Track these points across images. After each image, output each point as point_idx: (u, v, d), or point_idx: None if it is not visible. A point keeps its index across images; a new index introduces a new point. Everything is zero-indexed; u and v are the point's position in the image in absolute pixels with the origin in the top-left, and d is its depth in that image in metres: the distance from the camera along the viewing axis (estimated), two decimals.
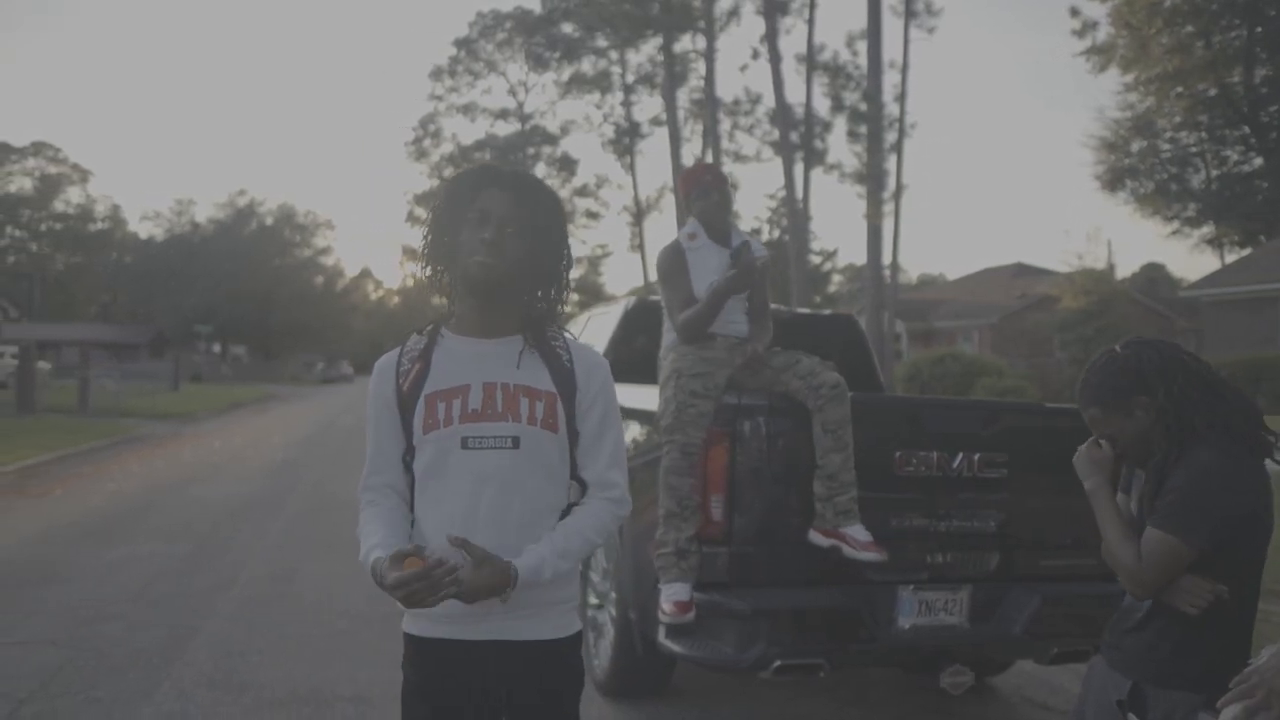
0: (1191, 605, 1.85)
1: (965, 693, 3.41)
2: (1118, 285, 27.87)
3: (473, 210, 1.73)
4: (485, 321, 1.78)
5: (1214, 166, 26.32)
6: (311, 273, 62.58)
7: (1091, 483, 2.01)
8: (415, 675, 1.78)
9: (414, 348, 1.81)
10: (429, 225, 1.80)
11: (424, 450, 1.75)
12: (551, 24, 40.07)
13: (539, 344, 1.80)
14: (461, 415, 1.72)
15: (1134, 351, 1.96)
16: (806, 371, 3.30)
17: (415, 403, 1.75)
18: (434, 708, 1.75)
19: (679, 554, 3.19)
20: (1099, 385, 1.99)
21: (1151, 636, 1.94)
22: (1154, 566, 1.85)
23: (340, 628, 5.01)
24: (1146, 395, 1.92)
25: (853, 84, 25.05)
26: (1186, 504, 1.83)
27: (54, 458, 12.54)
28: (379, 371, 1.83)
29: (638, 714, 3.89)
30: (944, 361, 19.85)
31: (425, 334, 1.83)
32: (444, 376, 1.76)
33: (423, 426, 1.74)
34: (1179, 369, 1.92)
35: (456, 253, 1.75)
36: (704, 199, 3.67)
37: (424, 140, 48.53)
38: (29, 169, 66.87)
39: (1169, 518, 1.84)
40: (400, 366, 1.79)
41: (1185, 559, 1.83)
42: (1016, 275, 37.07)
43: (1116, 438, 1.98)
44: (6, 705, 3.83)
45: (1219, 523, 1.82)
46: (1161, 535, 1.84)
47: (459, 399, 1.73)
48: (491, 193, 1.74)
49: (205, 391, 32.95)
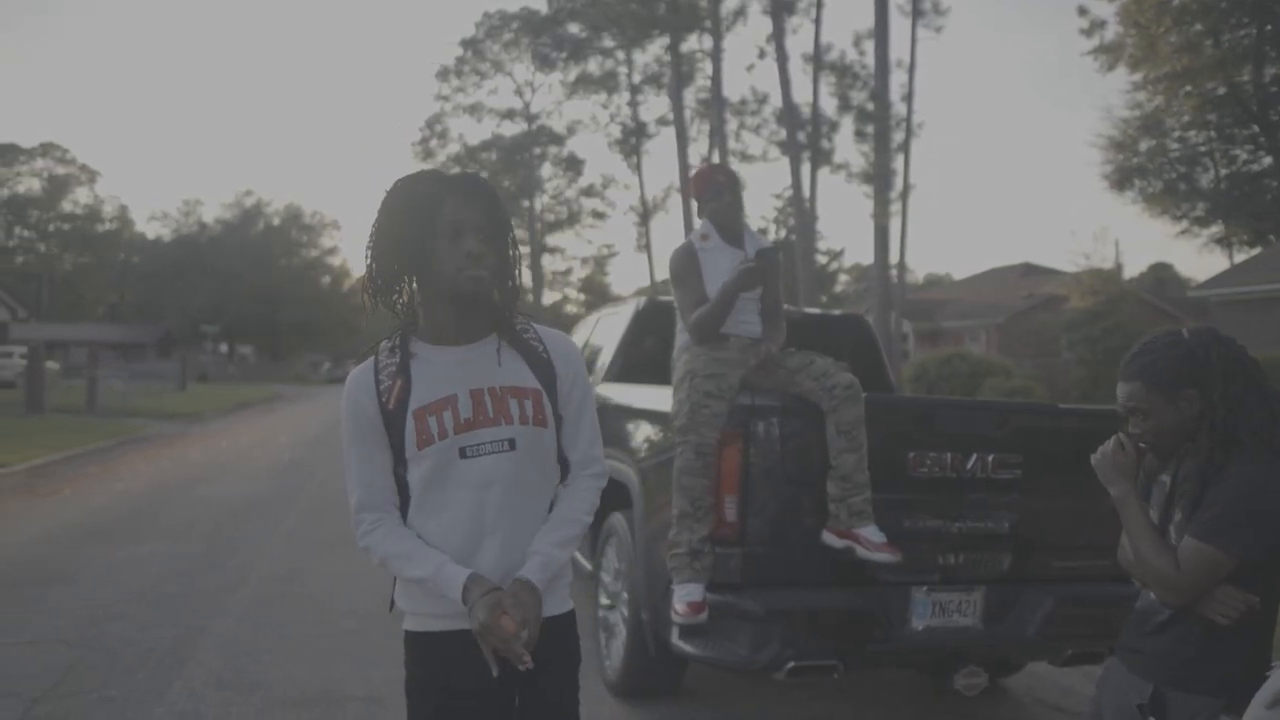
0: (1223, 615, 1.82)
1: (979, 694, 3.40)
2: (1125, 285, 27.76)
3: (443, 222, 1.70)
4: (462, 328, 1.78)
5: (1223, 165, 26.22)
6: (318, 273, 62.80)
7: (1119, 489, 1.94)
8: (421, 670, 1.79)
9: (388, 362, 1.77)
10: (386, 235, 1.73)
11: (419, 464, 1.74)
12: (558, 24, 40.14)
13: (514, 341, 1.81)
14: (455, 426, 1.72)
15: (1201, 343, 1.89)
16: (820, 372, 3.29)
17: (403, 420, 1.73)
18: (446, 699, 1.76)
19: (692, 554, 3.19)
20: (1152, 364, 1.91)
21: (1174, 640, 1.91)
22: (1192, 576, 1.81)
23: (349, 627, 5.01)
24: (1198, 390, 1.86)
25: (860, 83, 25.05)
26: (1231, 517, 1.79)
27: (62, 457, 12.58)
28: (355, 389, 1.77)
29: (650, 715, 3.88)
30: (951, 362, 19.76)
31: (395, 346, 1.79)
32: (428, 389, 1.74)
33: (416, 443, 1.72)
34: (1240, 372, 1.86)
35: (429, 265, 1.71)
36: (716, 199, 3.66)
37: (430, 140, 48.65)
38: (37, 169, 67.15)
39: (1212, 530, 1.80)
40: (380, 384, 1.75)
41: (1224, 570, 1.80)
42: (1023, 275, 36.97)
43: (1148, 422, 1.91)
44: (20, 704, 3.84)
45: (1262, 537, 1.79)
46: (1202, 546, 1.80)
47: (449, 410, 1.72)
48: (457, 203, 1.71)
49: (212, 391, 33.03)
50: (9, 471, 10.91)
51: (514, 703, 1.80)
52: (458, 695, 1.75)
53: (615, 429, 4.31)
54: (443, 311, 1.76)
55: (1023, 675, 4.49)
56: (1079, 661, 3.53)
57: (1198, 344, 1.89)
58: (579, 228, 50.46)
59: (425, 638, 1.78)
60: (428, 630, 1.78)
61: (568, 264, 53.34)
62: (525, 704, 1.80)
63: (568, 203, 49.74)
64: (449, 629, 1.75)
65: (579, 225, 50.27)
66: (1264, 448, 1.81)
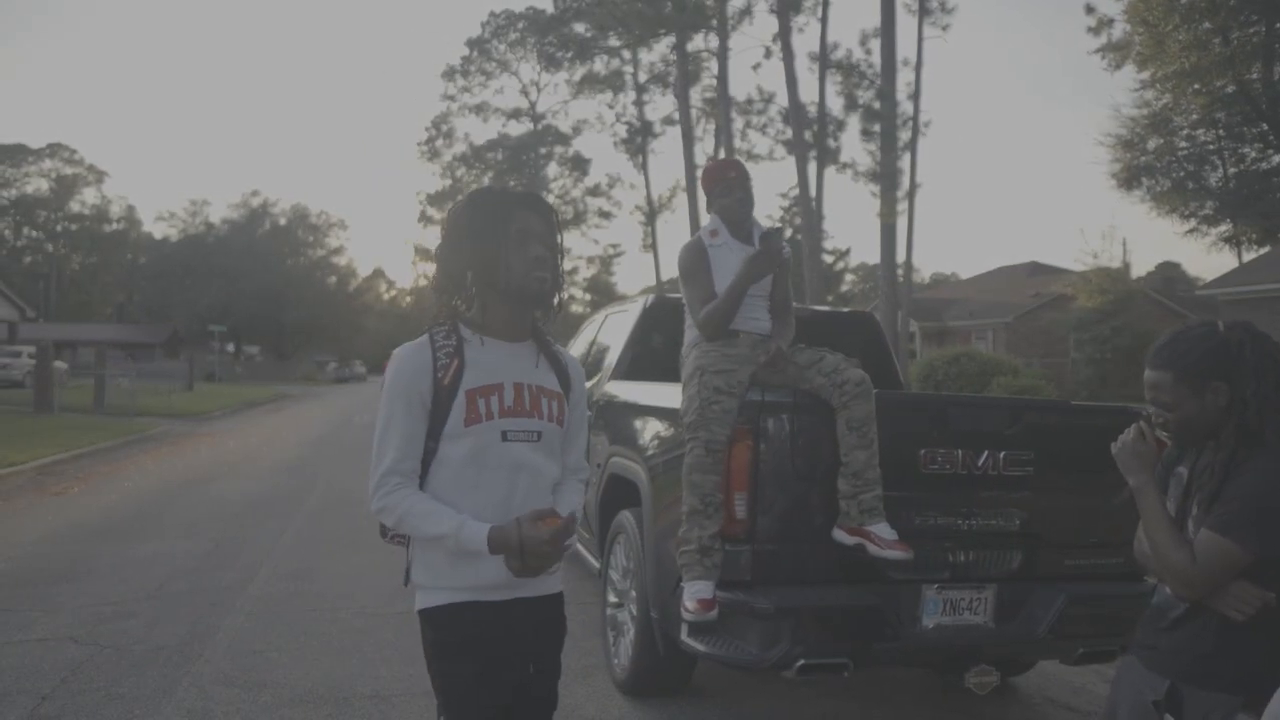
0: (1238, 611, 1.81)
1: (989, 693, 3.37)
2: (1133, 284, 27.68)
3: (512, 229, 1.90)
4: (513, 327, 1.97)
5: (1232, 164, 26.06)
6: (324, 273, 62.89)
7: (1137, 479, 1.94)
8: (453, 637, 1.89)
9: (445, 344, 1.92)
10: (457, 240, 1.93)
11: (458, 441, 1.89)
12: (564, 24, 40.11)
13: (545, 348, 2.03)
14: (500, 410, 1.90)
15: (1236, 337, 1.87)
16: (831, 368, 3.27)
17: (454, 397, 1.88)
18: (483, 663, 1.88)
19: (702, 552, 3.17)
20: (1185, 353, 1.89)
21: (1189, 636, 1.89)
22: (1208, 570, 1.80)
23: (357, 625, 5.01)
24: (1227, 384, 1.85)
25: (866, 82, 24.95)
26: (1250, 512, 1.78)
27: (71, 456, 12.62)
28: (411, 363, 1.90)
29: (659, 713, 3.87)
30: (959, 360, 19.71)
31: (450, 331, 1.94)
32: (480, 374, 1.90)
33: (464, 419, 1.88)
34: (1273, 370, 1.84)
35: (496, 267, 1.89)
36: (728, 195, 3.64)
37: (437, 140, 48.74)
38: (45, 170, 67.51)
39: (1230, 524, 1.79)
40: (437, 361, 1.90)
41: (1240, 564, 1.79)
42: (1031, 274, 36.88)
43: (1173, 412, 1.90)
44: (30, 700, 3.85)
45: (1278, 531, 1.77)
46: (1219, 539, 1.79)
47: (496, 395, 1.90)
48: (526, 214, 1.92)
49: (219, 391, 33.12)
50: (18, 470, 10.95)
51: (530, 669, 1.95)
52: (491, 660, 1.89)
53: (623, 427, 4.30)
54: (503, 309, 1.94)
55: (1033, 674, 4.47)
56: (1090, 660, 3.50)
57: (1233, 339, 1.87)
58: (585, 227, 50.56)
59: (447, 610, 1.90)
60: (450, 602, 1.89)
61: (573, 263, 53.44)
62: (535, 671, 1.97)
63: (574, 202, 49.78)
64: (469, 600, 1.89)
65: (585, 224, 50.35)
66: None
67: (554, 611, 2.04)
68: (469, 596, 1.89)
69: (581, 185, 49.56)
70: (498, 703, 1.89)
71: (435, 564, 1.90)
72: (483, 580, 1.88)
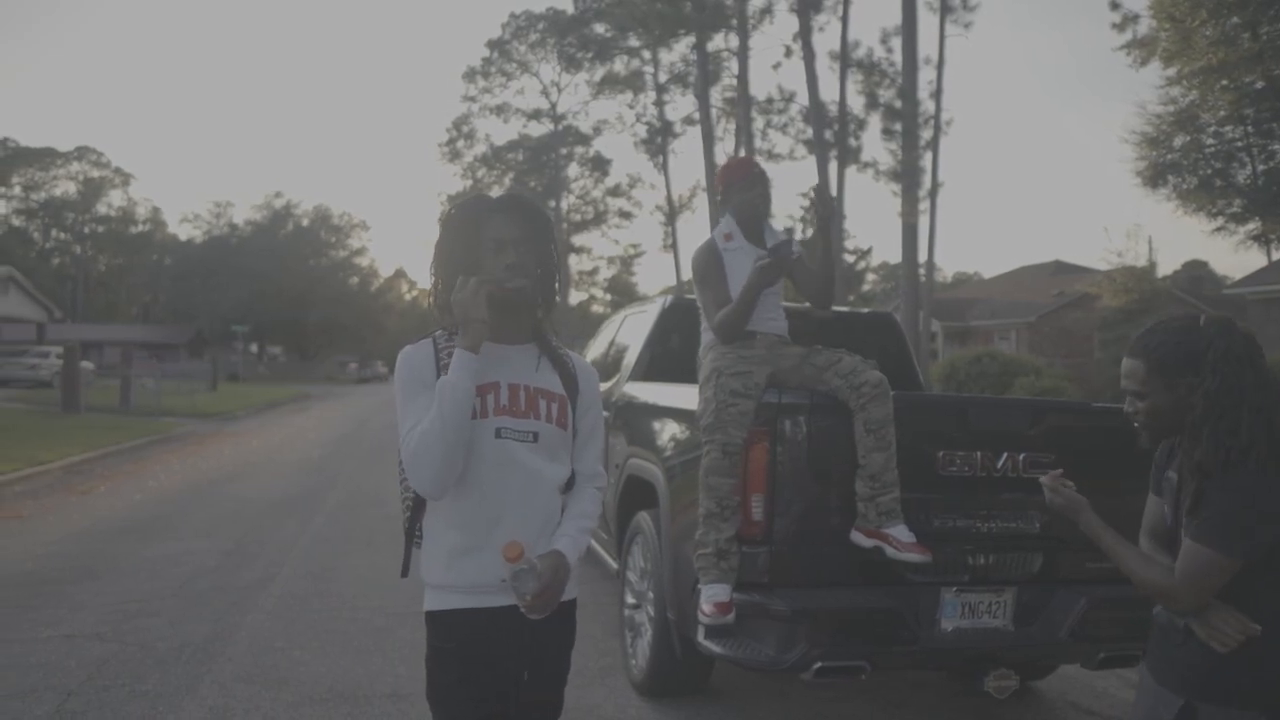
0: (1222, 645, 1.77)
1: (1009, 697, 3.34)
2: (1159, 283, 27.30)
3: (486, 239, 1.96)
4: (504, 331, 2.00)
5: (1260, 161, 25.64)
6: (347, 273, 63.19)
7: (1084, 519, 1.98)
8: (446, 643, 1.93)
9: (447, 345, 1.97)
10: (442, 253, 2.01)
11: None
12: (584, 24, 40.11)
13: (549, 352, 2.06)
14: (495, 408, 1.94)
15: (1213, 333, 1.82)
16: (848, 370, 3.26)
17: None
18: (465, 670, 1.91)
19: (719, 554, 3.16)
20: (1160, 344, 1.86)
21: (1200, 650, 1.82)
22: (1192, 580, 1.76)
23: (377, 624, 5.05)
24: (1196, 380, 1.80)
25: (887, 81, 24.75)
26: (1229, 518, 1.73)
27: (97, 455, 12.79)
28: (416, 358, 1.97)
29: (676, 714, 3.87)
30: (981, 361, 19.53)
31: (451, 335, 1.98)
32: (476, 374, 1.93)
33: None
34: (1234, 369, 1.78)
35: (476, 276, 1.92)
36: (747, 192, 3.62)
37: (458, 141, 48.84)
38: (73, 173, 68.36)
39: (1210, 531, 1.74)
40: (439, 359, 1.96)
41: (1228, 572, 1.74)
42: (1055, 273, 36.50)
43: (1143, 402, 1.88)
44: (56, 696, 3.90)
45: (1262, 538, 1.72)
46: (1200, 549, 1.75)
47: (491, 394, 1.94)
48: (497, 220, 1.96)
49: (242, 391, 33.41)
50: (46, 469, 11.12)
51: (524, 676, 1.97)
52: (477, 666, 1.91)
53: (641, 428, 4.30)
54: (493, 315, 1.94)
55: (1054, 678, 4.43)
56: (1112, 664, 3.46)
57: (1211, 334, 1.82)
58: (605, 227, 50.51)
59: (448, 615, 1.94)
60: (451, 608, 1.94)
61: (594, 264, 53.40)
62: (532, 677, 1.98)
63: (594, 202, 49.78)
64: (470, 606, 1.92)
65: (605, 225, 50.31)
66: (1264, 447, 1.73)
67: (561, 618, 2.01)
68: (470, 602, 1.92)
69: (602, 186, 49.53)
70: (482, 711, 1.91)
71: (435, 563, 1.96)
72: (483, 580, 1.90)
